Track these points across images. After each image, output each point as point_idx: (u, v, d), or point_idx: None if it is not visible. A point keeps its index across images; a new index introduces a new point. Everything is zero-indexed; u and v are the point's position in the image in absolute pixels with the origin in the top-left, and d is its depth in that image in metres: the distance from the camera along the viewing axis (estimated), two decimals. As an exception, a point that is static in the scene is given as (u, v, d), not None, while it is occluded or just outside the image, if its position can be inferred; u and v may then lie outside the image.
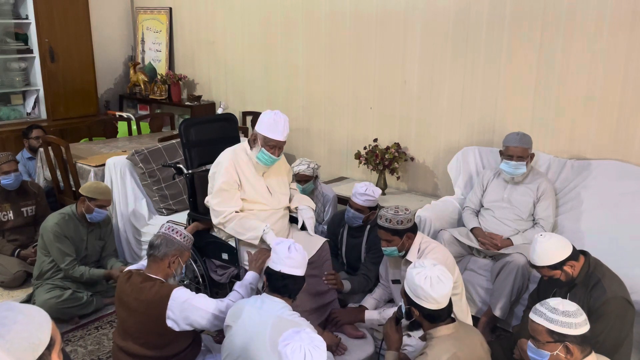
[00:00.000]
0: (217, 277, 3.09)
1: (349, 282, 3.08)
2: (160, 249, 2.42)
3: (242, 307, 2.20)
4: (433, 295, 2.05)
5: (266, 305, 2.16)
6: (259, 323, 2.09)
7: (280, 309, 2.15)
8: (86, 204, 3.37)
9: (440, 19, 3.94)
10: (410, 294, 2.11)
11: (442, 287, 2.06)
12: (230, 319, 2.21)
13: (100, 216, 3.42)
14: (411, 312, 2.14)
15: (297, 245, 2.29)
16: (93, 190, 3.36)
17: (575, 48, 3.39)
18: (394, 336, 2.27)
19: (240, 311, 2.18)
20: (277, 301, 2.19)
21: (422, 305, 2.07)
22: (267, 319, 2.09)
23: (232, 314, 2.22)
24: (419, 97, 4.15)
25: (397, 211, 2.67)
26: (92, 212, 3.37)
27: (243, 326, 2.12)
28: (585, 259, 2.42)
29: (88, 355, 3.03)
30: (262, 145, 2.86)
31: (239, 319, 2.16)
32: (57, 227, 3.32)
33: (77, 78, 5.75)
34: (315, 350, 1.66)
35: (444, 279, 2.08)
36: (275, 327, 2.04)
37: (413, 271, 2.12)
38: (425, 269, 2.10)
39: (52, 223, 3.33)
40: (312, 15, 4.69)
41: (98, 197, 3.36)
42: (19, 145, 5.07)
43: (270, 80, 5.20)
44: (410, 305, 2.13)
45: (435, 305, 2.07)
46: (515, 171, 3.23)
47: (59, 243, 3.30)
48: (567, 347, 1.81)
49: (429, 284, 2.05)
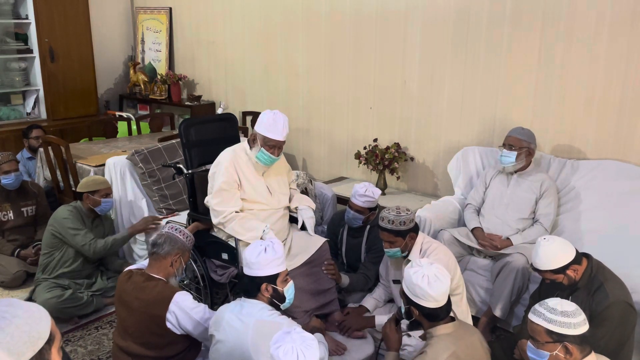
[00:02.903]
0: (217, 277, 3.09)
1: (347, 276, 3.08)
2: (164, 248, 2.42)
3: (223, 314, 2.18)
4: (431, 294, 2.05)
5: (245, 309, 2.15)
6: (240, 328, 2.08)
7: (259, 310, 2.13)
8: (91, 199, 3.42)
9: (440, 19, 3.94)
10: (408, 293, 2.12)
11: (439, 285, 2.06)
12: (213, 327, 2.20)
13: (109, 205, 3.50)
14: (410, 312, 2.14)
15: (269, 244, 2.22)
16: (91, 184, 3.42)
17: (575, 48, 3.39)
18: (393, 337, 2.27)
19: (221, 319, 2.17)
20: (255, 303, 2.17)
21: (421, 304, 2.07)
22: (247, 323, 2.08)
23: (214, 322, 2.21)
24: (419, 97, 4.15)
25: (398, 212, 2.67)
26: (99, 204, 3.43)
27: (225, 334, 2.12)
28: (587, 262, 2.41)
29: (88, 355, 3.03)
30: (262, 145, 2.86)
31: (220, 327, 2.15)
32: (70, 214, 3.37)
33: (77, 78, 5.75)
34: (308, 350, 1.67)
35: (441, 277, 2.08)
36: (257, 331, 2.04)
37: (410, 270, 2.12)
38: (422, 268, 2.10)
39: (65, 212, 3.38)
40: (312, 15, 4.69)
41: (99, 188, 3.42)
42: (19, 145, 5.07)
43: (270, 80, 5.20)
44: (410, 305, 2.13)
45: (434, 303, 2.07)
46: (502, 159, 3.26)
47: (75, 225, 3.35)
48: (567, 347, 1.81)
49: (426, 282, 2.05)
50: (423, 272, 2.08)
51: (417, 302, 2.08)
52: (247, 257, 2.20)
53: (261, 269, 2.17)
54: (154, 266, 2.45)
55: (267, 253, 2.18)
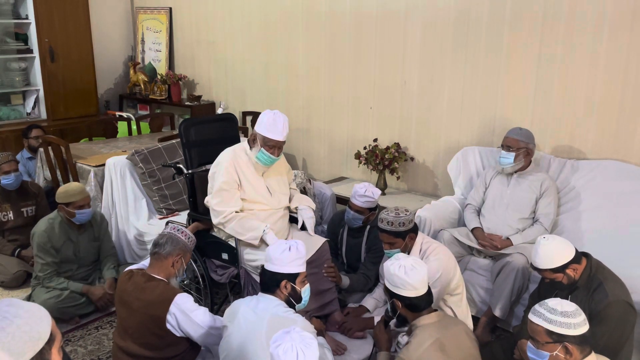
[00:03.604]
0: (217, 277, 3.09)
1: (347, 277, 3.08)
2: (166, 248, 2.43)
3: (238, 307, 2.20)
4: (409, 281, 2.14)
5: (261, 304, 2.17)
6: (255, 322, 2.10)
7: (275, 306, 2.15)
8: (65, 210, 3.33)
9: (440, 19, 3.94)
10: (388, 285, 2.22)
11: (416, 273, 2.16)
12: (227, 319, 2.21)
13: (84, 217, 3.36)
14: (394, 306, 2.22)
15: (294, 243, 2.27)
16: (65, 195, 3.30)
17: (575, 49, 3.39)
18: (383, 337, 2.35)
19: (236, 311, 2.19)
20: (272, 299, 2.19)
21: (401, 294, 2.17)
22: (262, 317, 2.10)
23: (229, 314, 2.22)
24: (419, 97, 4.15)
25: (397, 213, 2.67)
26: (74, 215, 3.33)
27: (239, 326, 2.13)
28: (587, 262, 2.42)
29: (88, 355, 3.03)
30: (262, 145, 2.86)
31: (235, 319, 2.16)
32: (44, 236, 3.28)
33: (77, 78, 5.75)
34: (307, 349, 1.68)
35: (417, 266, 2.19)
36: (271, 325, 2.04)
37: (388, 263, 2.23)
38: (399, 260, 2.21)
39: (40, 231, 3.30)
40: (312, 15, 4.69)
41: (72, 200, 3.30)
42: (19, 145, 5.07)
43: (270, 80, 5.20)
44: (392, 298, 2.21)
45: (414, 292, 2.16)
46: (501, 160, 3.28)
47: (41, 253, 3.29)
48: (566, 347, 1.81)
49: (403, 271, 2.16)
50: (400, 263, 2.19)
51: (398, 293, 2.18)
52: (271, 253, 2.25)
53: (283, 265, 2.21)
54: (155, 266, 2.45)
55: (291, 251, 2.23)
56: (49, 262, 3.30)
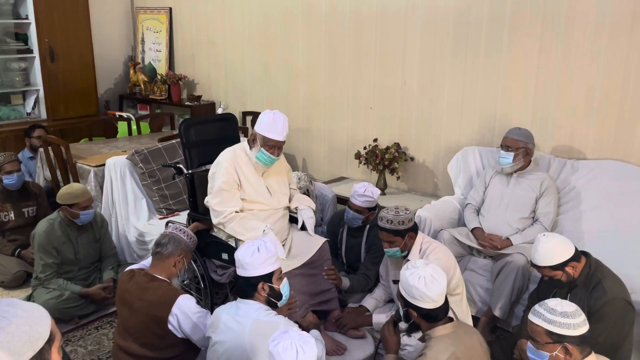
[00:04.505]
0: (217, 277, 3.09)
1: (347, 279, 3.08)
2: (168, 248, 2.43)
3: (219, 316, 2.17)
4: (429, 294, 2.04)
5: (241, 310, 2.14)
6: (237, 329, 2.08)
7: (256, 311, 2.13)
8: (69, 211, 3.33)
9: (440, 19, 3.94)
10: (406, 296, 2.11)
11: (436, 285, 2.06)
12: (210, 329, 2.20)
13: (88, 217, 3.38)
14: (409, 314, 2.14)
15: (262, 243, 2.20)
16: (69, 197, 3.31)
17: (575, 48, 3.39)
18: (391, 339, 2.28)
19: (217, 320, 2.17)
20: (251, 304, 2.16)
21: (419, 305, 2.07)
22: (244, 324, 2.08)
23: (211, 324, 2.20)
24: (419, 97, 4.15)
25: (397, 212, 2.67)
26: (78, 216, 3.34)
27: (223, 335, 2.11)
28: (586, 260, 2.42)
29: (88, 355, 3.03)
30: (262, 145, 2.86)
31: (218, 329, 2.15)
32: (44, 236, 3.29)
33: (77, 78, 5.75)
34: (306, 345, 1.68)
35: (437, 277, 2.08)
36: (254, 331, 2.04)
37: (406, 272, 2.11)
38: (418, 269, 2.10)
39: (40, 231, 3.31)
40: (312, 15, 4.69)
41: (76, 201, 3.31)
42: (19, 145, 5.07)
43: (270, 80, 5.20)
44: (408, 307, 2.12)
45: (432, 304, 2.06)
46: (500, 160, 3.28)
47: (42, 254, 3.29)
48: (566, 347, 1.81)
49: (423, 283, 2.05)
50: (419, 274, 2.07)
51: (415, 304, 2.08)
52: (241, 258, 2.17)
53: (257, 268, 2.15)
54: (156, 266, 2.45)
55: (260, 252, 2.16)
56: (49, 263, 3.31)
